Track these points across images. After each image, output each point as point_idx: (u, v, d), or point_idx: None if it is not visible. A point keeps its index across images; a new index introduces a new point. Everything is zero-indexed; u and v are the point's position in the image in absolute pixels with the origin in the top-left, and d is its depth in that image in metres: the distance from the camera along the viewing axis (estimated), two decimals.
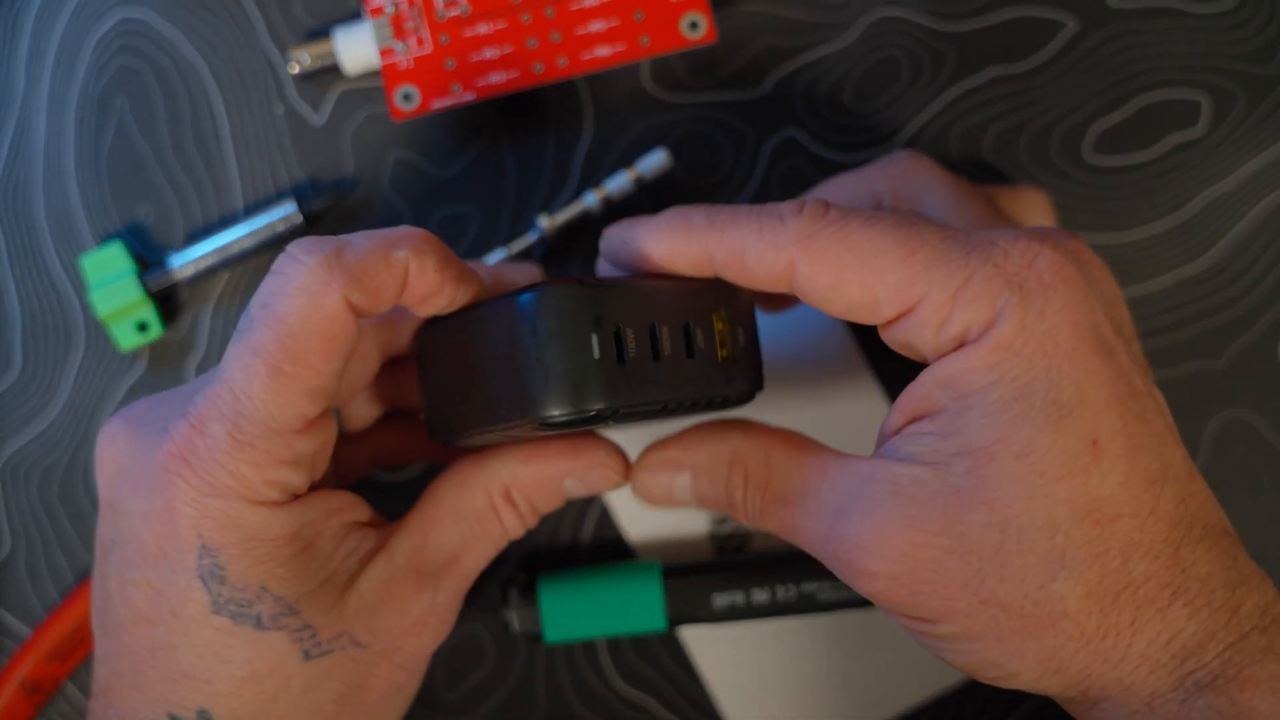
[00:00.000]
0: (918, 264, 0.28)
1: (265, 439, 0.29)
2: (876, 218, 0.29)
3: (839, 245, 0.29)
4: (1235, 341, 0.40)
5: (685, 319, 0.30)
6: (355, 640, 0.30)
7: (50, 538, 0.40)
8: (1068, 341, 0.27)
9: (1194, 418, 0.40)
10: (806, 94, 0.40)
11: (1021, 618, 0.27)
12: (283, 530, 0.29)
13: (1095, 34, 0.40)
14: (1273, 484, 0.40)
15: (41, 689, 0.39)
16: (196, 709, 0.29)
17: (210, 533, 0.29)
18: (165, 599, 0.29)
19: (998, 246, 0.28)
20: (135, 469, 0.30)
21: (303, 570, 0.30)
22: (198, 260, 0.39)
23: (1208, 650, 0.27)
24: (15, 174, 0.40)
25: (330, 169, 0.40)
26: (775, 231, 0.29)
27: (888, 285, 0.28)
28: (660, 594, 0.38)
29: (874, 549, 0.28)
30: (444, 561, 0.32)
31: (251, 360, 0.28)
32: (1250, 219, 0.40)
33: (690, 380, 0.30)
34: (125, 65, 0.40)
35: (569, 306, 0.28)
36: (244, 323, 0.29)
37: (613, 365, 0.28)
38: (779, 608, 0.38)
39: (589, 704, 0.40)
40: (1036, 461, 0.27)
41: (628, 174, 0.39)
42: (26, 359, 0.40)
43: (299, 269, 0.28)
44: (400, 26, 0.38)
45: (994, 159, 0.40)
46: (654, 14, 0.38)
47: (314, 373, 0.28)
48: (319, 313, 0.28)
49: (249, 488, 0.29)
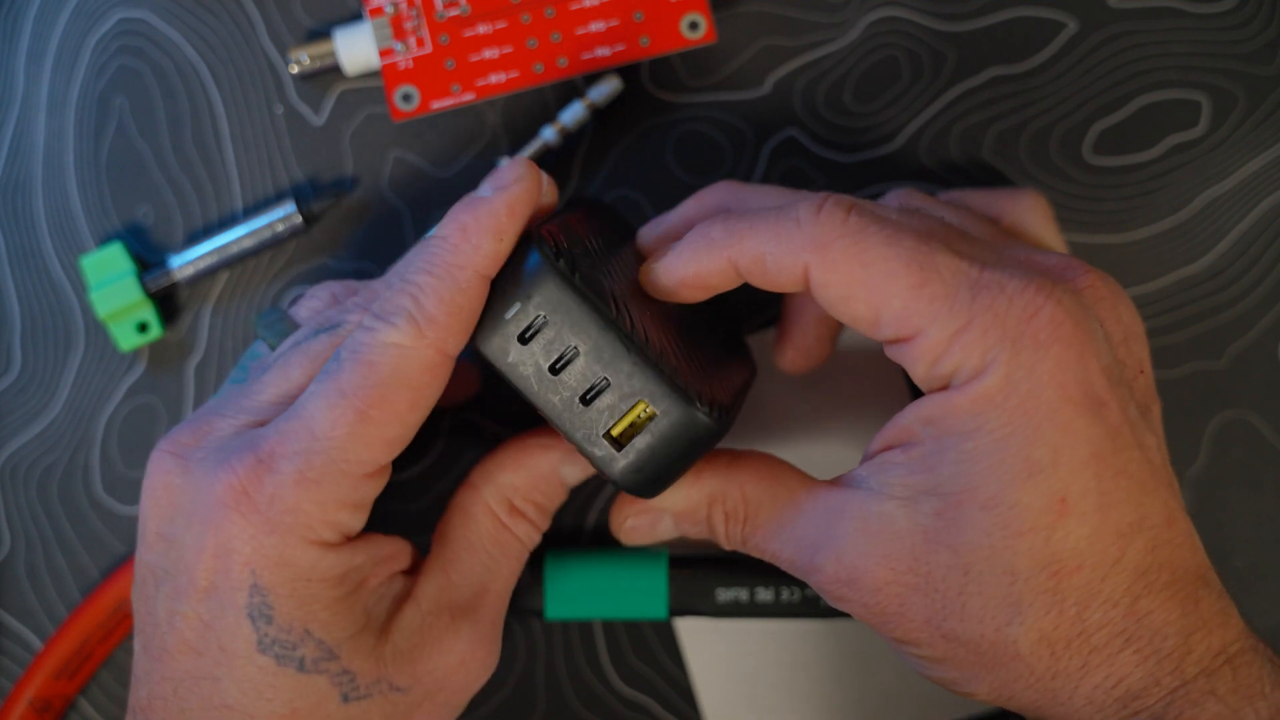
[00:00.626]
0: (924, 297, 0.29)
1: (334, 480, 0.29)
2: (896, 236, 0.29)
3: (853, 260, 0.29)
4: (1235, 341, 0.40)
5: (604, 376, 0.30)
6: (394, 686, 0.31)
7: (50, 538, 0.40)
8: (1051, 401, 0.28)
9: (1194, 418, 0.40)
10: (806, 94, 0.40)
11: (978, 653, 0.29)
12: (332, 572, 0.30)
13: (1095, 34, 0.40)
14: (1273, 484, 0.40)
15: (52, 707, 0.39)
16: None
17: (262, 571, 0.29)
18: (214, 633, 0.29)
19: (1004, 293, 0.28)
20: (189, 502, 0.30)
21: (344, 615, 0.30)
22: (197, 260, 0.39)
23: (1151, 694, 0.28)
24: (15, 174, 0.40)
25: (330, 169, 0.40)
26: (792, 236, 0.30)
27: (892, 310, 0.29)
28: (665, 582, 0.38)
29: (851, 582, 0.30)
30: (473, 594, 0.32)
31: (339, 401, 0.29)
32: (1250, 219, 0.40)
33: (565, 415, 0.30)
34: (125, 65, 0.40)
35: (527, 264, 0.30)
36: (331, 365, 0.29)
37: (512, 337, 0.30)
38: (781, 609, 0.38)
39: (589, 704, 0.40)
40: (1001, 515, 0.28)
41: (581, 103, 0.39)
42: (26, 359, 0.40)
43: (387, 329, 0.29)
44: (400, 27, 0.38)
45: (994, 159, 0.40)
46: (654, 14, 0.38)
47: (400, 423, 0.29)
48: (412, 365, 0.29)
49: (308, 527, 0.29)
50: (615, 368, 0.30)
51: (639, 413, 0.30)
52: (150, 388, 0.40)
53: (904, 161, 0.40)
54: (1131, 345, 0.31)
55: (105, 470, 0.40)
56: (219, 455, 0.30)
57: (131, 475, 0.40)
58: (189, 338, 0.40)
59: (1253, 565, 0.40)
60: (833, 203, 0.30)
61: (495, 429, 0.40)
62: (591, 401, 0.30)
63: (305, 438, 0.29)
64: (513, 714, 0.40)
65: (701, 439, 0.30)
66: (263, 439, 0.30)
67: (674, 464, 0.30)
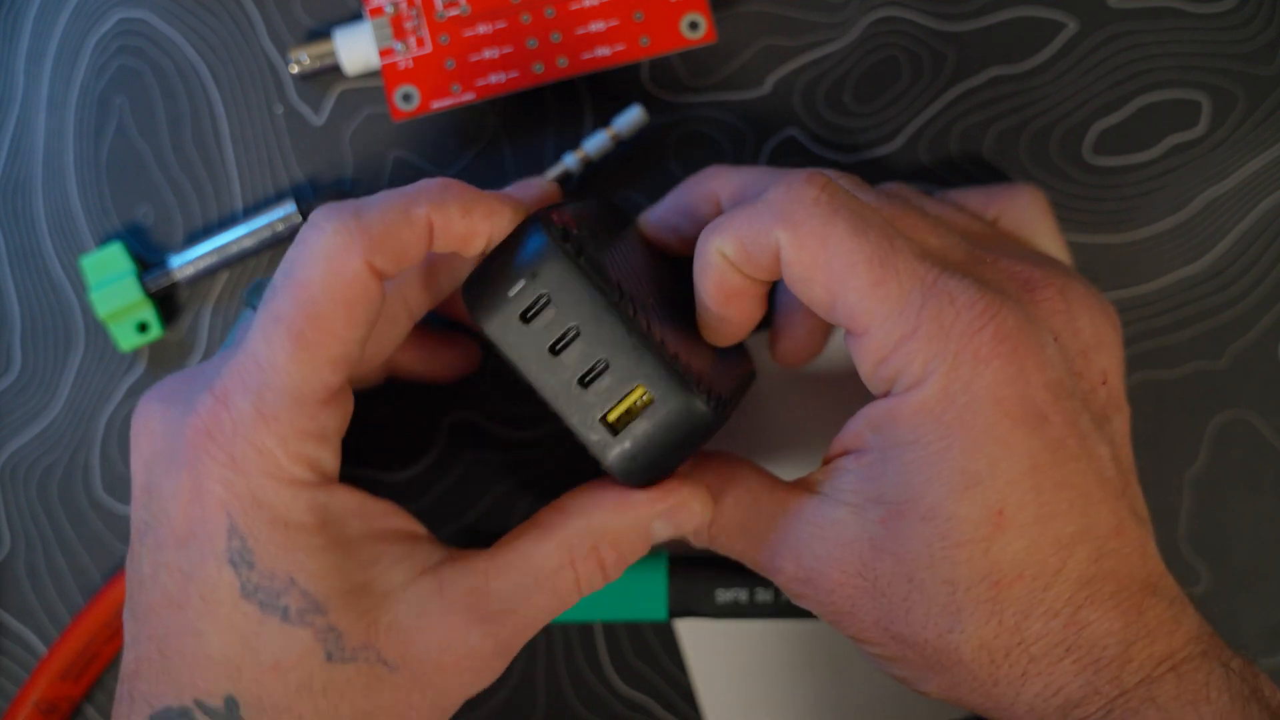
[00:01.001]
0: (878, 296, 0.29)
1: (289, 410, 0.29)
2: (864, 225, 0.29)
3: (817, 241, 0.29)
4: (1235, 341, 0.40)
5: (603, 358, 0.30)
6: (382, 658, 0.30)
7: (50, 538, 0.40)
8: (988, 416, 0.28)
9: (1194, 418, 0.40)
10: (806, 94, 0.40)
11: (925, 655, 0.30)
12: (307, 515, 0.29)
13: (1095, 34, 0.40)
14: (1273, 484, 0.40)
15: (58, 709, 0.39)
16: (224, 696, 0.29)
17: (238, 513, 0.29)
18: (194, 583, 0.29)
19: (953, 304, 0.29)
20: (166, 448, 0.30)
21: (333, 569, 0.29)
22: (197, 260, 0.39)
23: (1091, 703, 0.29)
24: (15, 174, 0.40)
25: (330, 169, 0.40)
26: (763, 215, 0.30)
27: (846, 302, 0.29)
28: (664, 584, 0.38)
29: (805, 583, 0.31)
30: (501, 609, 0.31)
31: (274, 328, 0.28)
32: (1250, 219, 0.40)
33: (563, 396, 0.30)
34: (125, 65, 0.40)
35: (533, 242, 0.30)
36: (268, 294, 0.29)
37: (513, 315, 0.30)
38: (781, 609, 0.38)
39: (589, 704, 0.40)
40: (940, 526, 0.29)
41: (606, 133, 0.39)
42: (26, 359, 0.40)
43: (318, 235, 0.28)
44: (400, 26, 0.38)
45: (994, 159, 0.40)
46: (654, 14, 0.38)
47: (337, 339, 0.29)
48: (340, 277, 0.28)
49: (274, 463, 0.29)
50: (615, 349, 0.30)
51: (637, 398, 0.30)
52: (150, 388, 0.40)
53: (904, 161, 0.40)
54: (1091, 356, 0.31)
55: (105, 470, 0.40)
56: (189, 399, 0.30)
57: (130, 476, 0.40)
58: (189, 338, 0.40)
59: (1253, 565, 0.40)
60: (804, 180, 0.30)
61: (495, 429, 0.40)
62: (590, 384, 0.30)
63: (252, 369, 0.29)
64: (513, 714, 0.40)
65: (698, 428, 0.30)
66: (216, 377, 0.29)
67: (669, 453, 0.30)
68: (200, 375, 0.31)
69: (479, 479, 0.40)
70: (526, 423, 0.40)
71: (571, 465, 0.40)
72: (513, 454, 0.40)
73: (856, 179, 0.33)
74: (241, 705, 0.29)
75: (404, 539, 0.31)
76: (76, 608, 0.40)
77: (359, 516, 0.30)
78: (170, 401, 0.31)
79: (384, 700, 0.30)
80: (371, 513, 0.31)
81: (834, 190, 0.30)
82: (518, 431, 0.40)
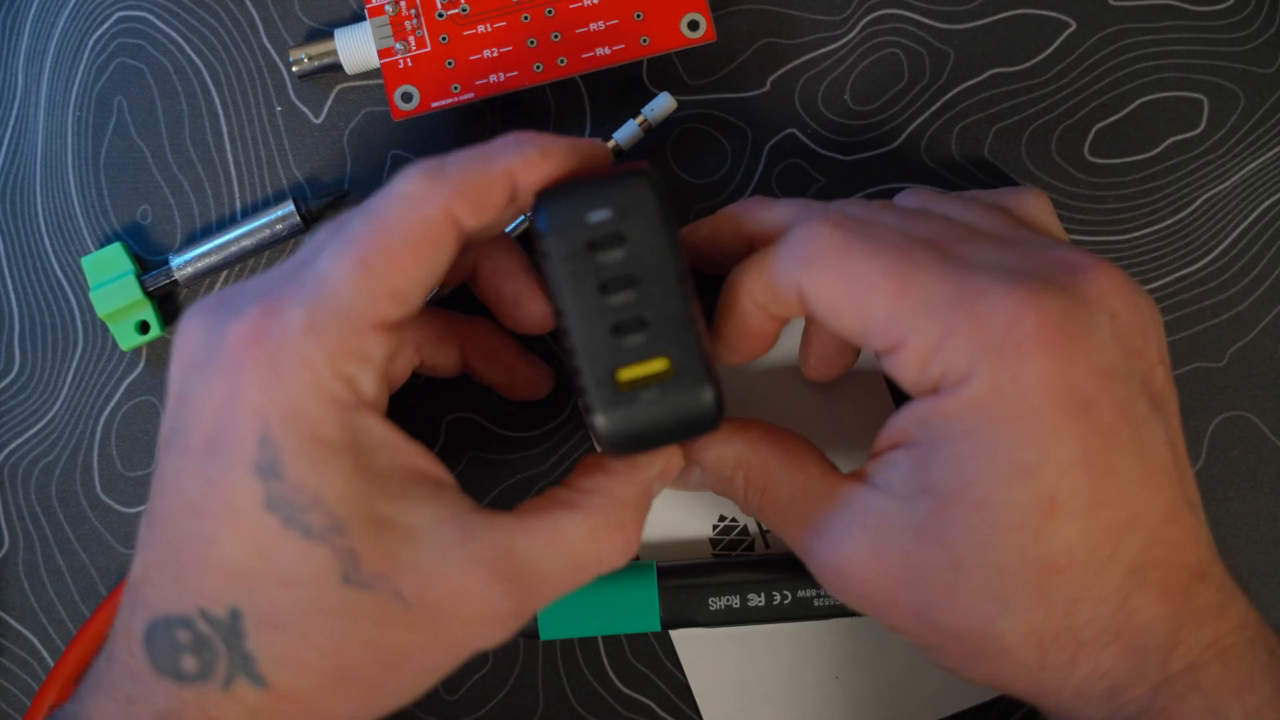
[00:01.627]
0: (904, 307, 0.30)
1: (340, 327, 0.29)
2: (878, 248, 0.30)
3: (837, 274, 0.30)
4: (1235, 341, 0.40)
5: (649, 316, 0.30)
6: (398, 591, 0.29)
7: (49, 537, 0.40)
8: (1038, 406, 0.29)
9: (1194, 418, 0.40)
10: (806, 94, 0.40)
11: (966, 645, 0.30)
12: (341, 435, 0.29)
13: (1095, 34, 0.40)
14: (1273, 484, 0.40)
15: None
16: (229, 607, 0.29)
17: (273, 422, 0.28)
18: (218, 490, 0.29)
19: (987, 299, 0.29)
20: (205, 355, 0.30)
21: (359, 494, 0.29)
22: (197, 260, 0.39)
23: (1136, 688, 0.29)
24: (15, 174, 0.40)
25: (329, 169, 0.40)
26: (784, 260, 0.31)
27: (876, 321, 0.30)
28: (655, 595, 0.38)
29: (841, 570, 0.31)
30: (524, 572, 0.31)
31: (342, 250, 0.29)
32: (1250, 219, 0.40)
33: (590, 335, 0.30)
34: (124, 65, 0.40)
35: (638, 183, 0.30)
36: (342, 220, 0.30)
37: (583, 238, 0.30)
38: (774, 613, 0.38)
39: (588, 705, 0.40)
40: (991, 514, 0.29)
41: (635, 122, 0.39)
42: (26, 359, 0.40)
43: (403, 181, 0.30)
44: (400, 26, 0.38)
45: (994, 159, 0.40)
46: (654, 14, 0.38)
47: (401, 273, 0.29)
48: (416, 216, 0.29)
49: (318, 377, 0.29)
50: (663, 313, 0.30)
51: (657, 368, 0.30)
52: (150, 387, 0.40)
53: (904, 161, 0.40)
54: (1150, 335, 0.31)
55: (105, 470, 0.40)
56: (235, 307, 0.30)
57: (131, 475, 0.40)
58: None
59: (1253, 565, 0.40)
60: (819, 219, 0.31)
61: (495, 429, 0.40)
62: (623, 335, 0.30)
63: (310, 283, 0.29)
64: (513, 714, 0.40)
65: (699, 420, 0.30)
66: (273, 287, 0.30)
67: (662, 433, 0.30)
68: (245, 289, 0.31)
69: (479, 479, 0.40)
70: (526, 423, 0.40)
71: (572, 465, 0.40)
72: (513, 454, 0.40)
73: (882, 202, 0.34)
74: (246, 618, 0.29)
75: (432, 482, 0.31)
76: (76, 607, 0.40)
77: (390, 449, 0.30)
78: (213, 313, 0.30)
79: (394, 636, 0.30)
80: (402, 449, 0.30)
81: (847, 224, 0.31)
82: (518, 431, 0.40)
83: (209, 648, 0.29)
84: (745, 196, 0.40)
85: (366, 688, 0.30)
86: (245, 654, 0.29)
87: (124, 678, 0.30)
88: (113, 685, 0.30)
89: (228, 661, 0.29)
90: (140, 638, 0.29)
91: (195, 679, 0.29)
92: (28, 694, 0.40)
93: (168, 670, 0.29)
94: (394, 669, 0.30)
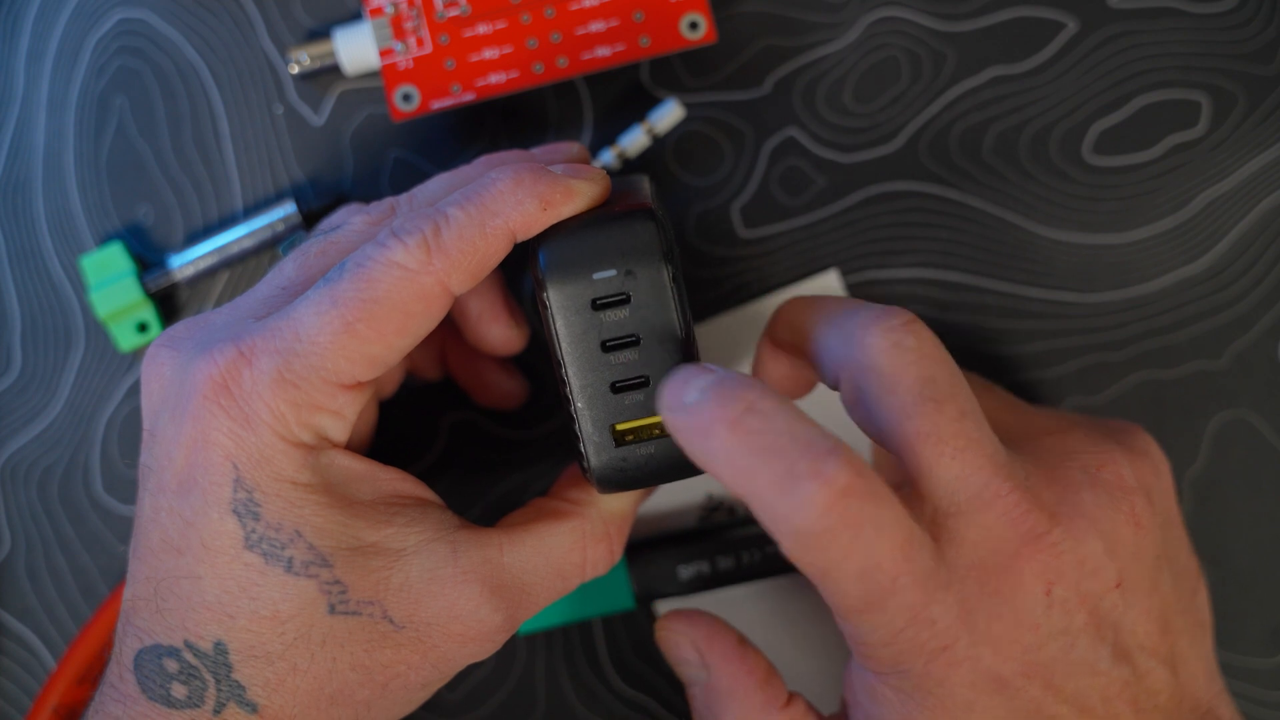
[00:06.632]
0: (874, 611, 0.28)
1: (311, 384, 0.29)
2: (889, 526, 0.27)
3: (817, 573, 0.28)
4: (1235, 341, 0.40)
5: (649, 376, 0.30)
6: (389, 615, 0.30)
7: (50, 538, 0.40)
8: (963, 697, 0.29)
9: (1194, 418, 0.40)
10: (806, 94, 0.40)
11: None
12: (313, 476, 0.29)
13: (1095, 34, 0.40)
14: (1272, 484, 0.40)
15: (76, 714, 0.39)
16: (214, 640, 0.29)
17: (244, 467, 0.29)
18: (195, 529, 0.29)
19: (934, 627, 0.28)
20: (174, 393, 0.30)
21: (340, 526, 0.29)
22: (197, 260, 0.39)
23: None
24: (15, 174, 0.40)
25: (330, 169, 0.40)
26: (775, 526, 0.28)
27: (850, 600, 0.28)
28: (624, 570, 0.38)
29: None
30: (513, 584, 0.31)
31: (329, 309, 0.29)
32: (1250, 219, 0.40)
33: (589, 390, 0.30)
34: (125, 65, 0.40)
35: (645, 238, 0.29)
36: (333, 273, 0.29)
37: (588, 296, 0.29)
38: (745, 572, 0.38)
39: (589, 704, 0.40)
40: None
41: (641, 128, 0.39)
42: (26, 359, 0.40)
43: (398, 246, 0.29)
44: (400, 27, 0.38)
45: (994, 159, 0.40)
46: (654, 14, 0.38)
47: (384, 342, 0.29)
48: (413, 290, 0.29)
49: (286, 427, 0.29)
50: (665, 374, 0.29)
51: (653, 422, 0.30)
52: None
53: (904, 161, 0.40)
54: (1100, 575, 0.30)
55: (105, 470, 0.40)
56: (204, 344, 0.30)
57: (131, 475, 0.40)
58: None
59: (1253, 565, 0.40)
60: (818, 485, 0.26)
61: (495, 429, 0.40)
62: (621, 392, 0.30)
63: (289, 337, 0.29)
64: (513, 714, 0.40)
65: (688, 468, 0.30)
66: (248, 332, 0.29)
67: (650, 477, 0.31)
68: (214, 323, 0.31)
69: (479, 479, 0.40)
70: (526, 423, 0.40)
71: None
72: (513, 454, 0.40)
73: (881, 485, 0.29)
74: (232, 651, 0.29)
75: (416, 504, 0.31)
76: (77, 608, 0.40)
77: (367, 480, 0.30)
78: (181, 348, 0.30)
79: (385, 657, 0.30)
80: (379, 478, 0.30)
81: (850, 497, 0.27)
82: (518, 431, 0.40)
83: (198, 677, 0.29)
84: (745, 197, 0.40)
85: (360, 706, 0.30)
86: (234, 683, 0.29)
87: (115, 702, 0.30)
88: (107, 711, 0.30)
89: (217, 690, 0.29)
90: (130, 665, 0.30)
91: (185, 706, 0.29)
92: (29, 694, 0.40)
93: (158, 697, 0.29)
94: (386, 688, 0.30)
